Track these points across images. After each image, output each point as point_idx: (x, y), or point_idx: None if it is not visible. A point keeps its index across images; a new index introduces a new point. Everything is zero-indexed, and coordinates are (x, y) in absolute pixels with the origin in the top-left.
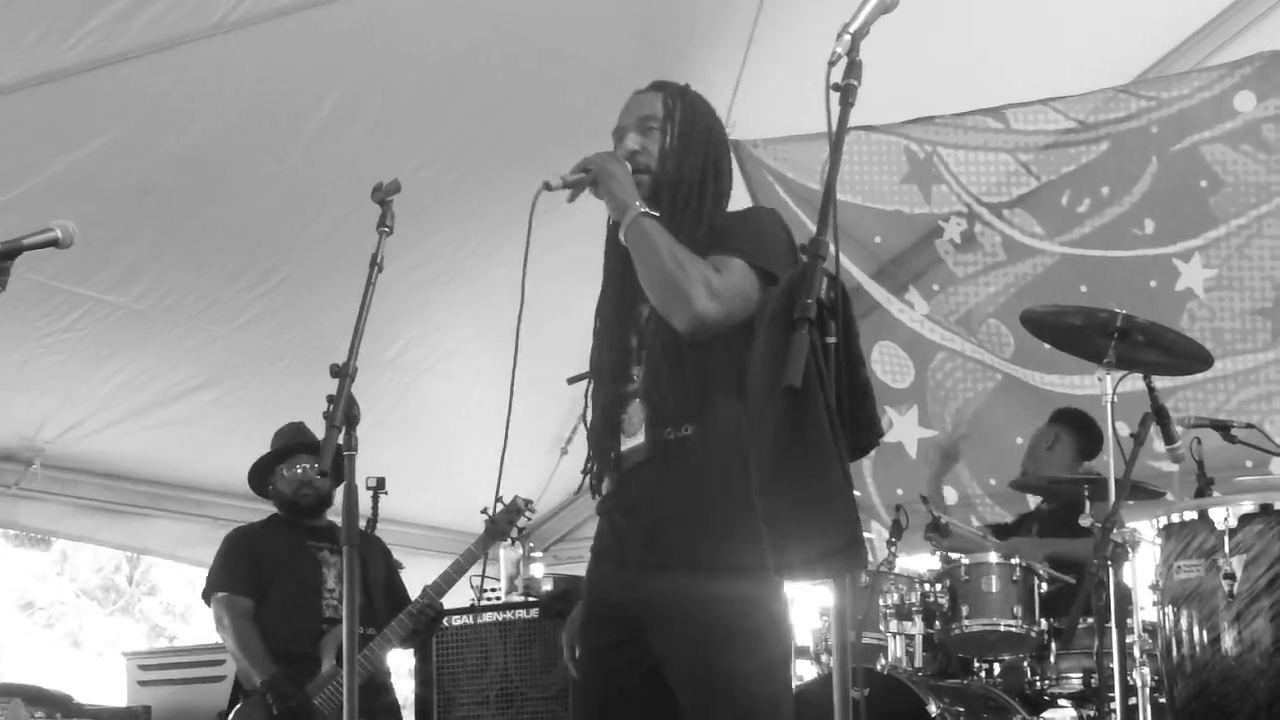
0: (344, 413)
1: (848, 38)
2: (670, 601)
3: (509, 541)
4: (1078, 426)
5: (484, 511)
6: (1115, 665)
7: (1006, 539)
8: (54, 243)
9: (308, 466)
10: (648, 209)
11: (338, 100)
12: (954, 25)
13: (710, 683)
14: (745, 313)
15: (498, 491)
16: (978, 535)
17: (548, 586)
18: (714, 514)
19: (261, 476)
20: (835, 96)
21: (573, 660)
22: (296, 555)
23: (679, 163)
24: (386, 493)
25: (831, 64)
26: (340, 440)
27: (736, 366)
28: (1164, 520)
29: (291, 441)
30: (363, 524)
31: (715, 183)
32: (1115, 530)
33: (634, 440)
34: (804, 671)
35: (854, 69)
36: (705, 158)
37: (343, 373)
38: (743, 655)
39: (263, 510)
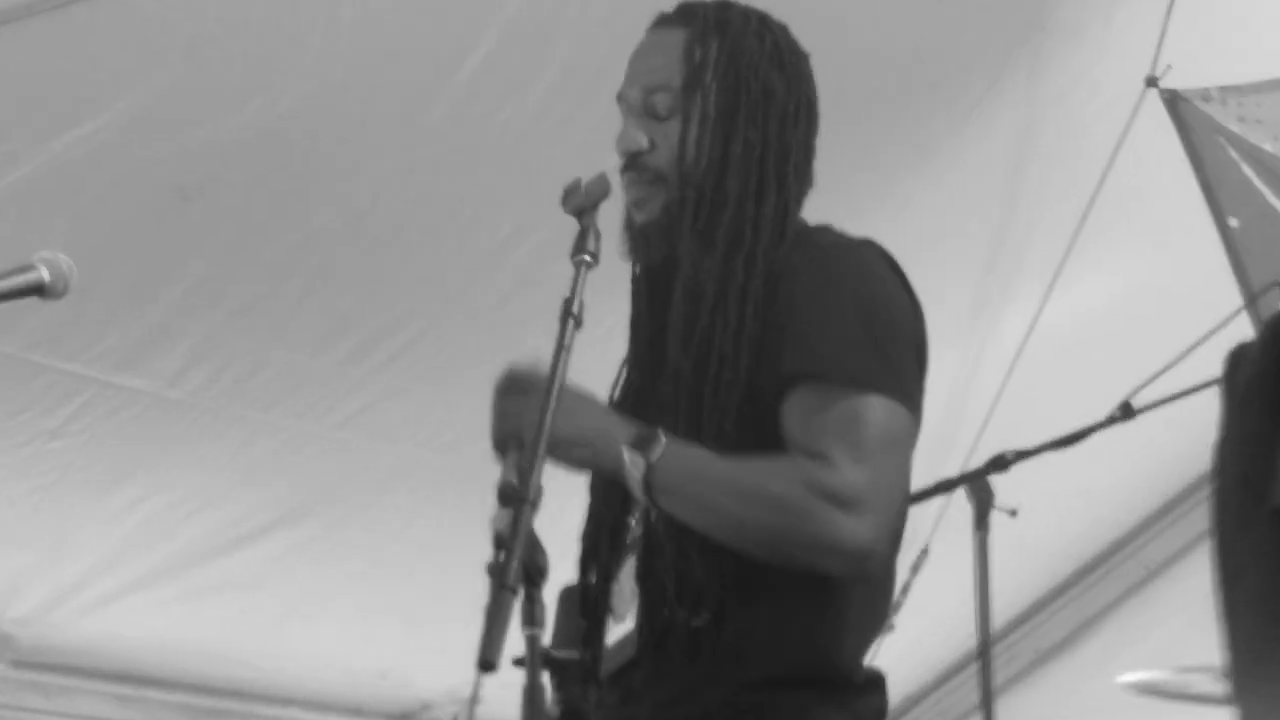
0: (522, 564)
1: None
2: None
3: None
4: None
5: None
6: None
7: None
8: (37, 289)
9: None
10: (648, 445)
11: (495, 48)
12: None
13: None
14: (904, 489)
15: None
16: None
17: None
18: None
19: None
20: None
21: None
22: None
23: (716, 165)
24: None
25: None
26: (520, 607)
27: None
28: None
29: None
30: None
31: (779, 192)
32: None
33: (621, 626)
34: None
35: None
36: (761, 149)
37: (519, 497)
38: None
39: None
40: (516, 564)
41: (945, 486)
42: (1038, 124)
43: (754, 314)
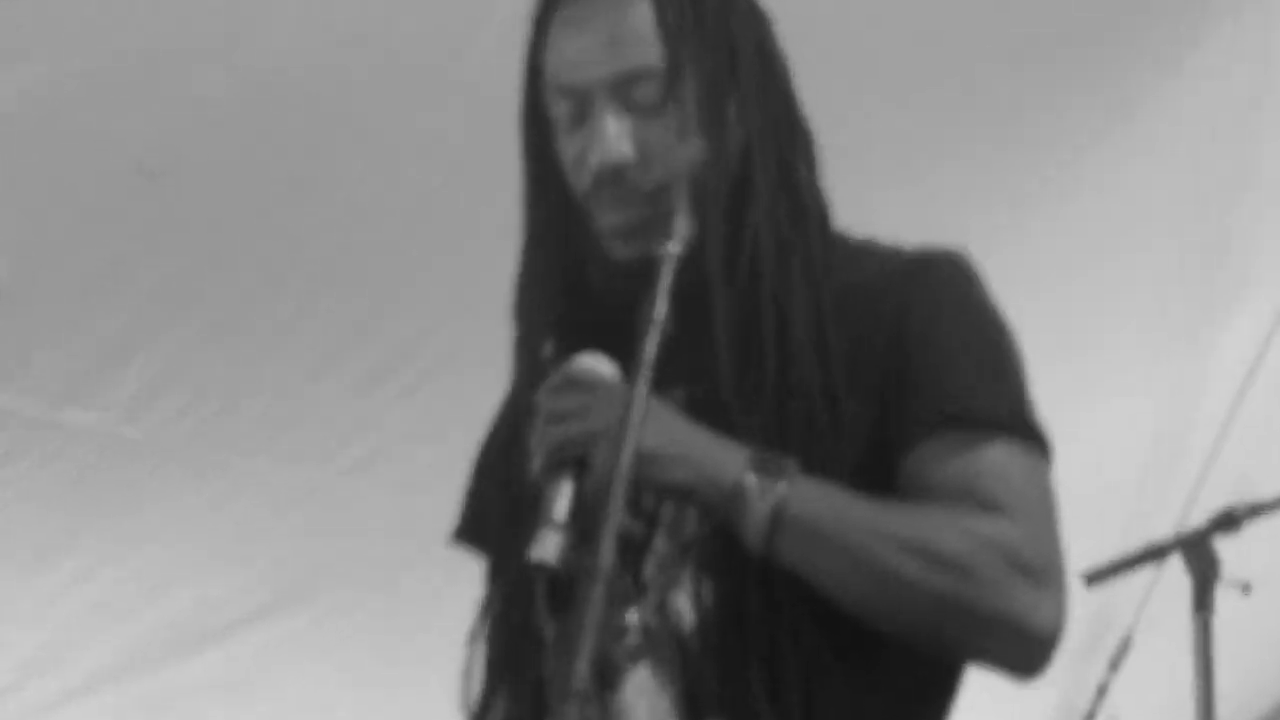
0: (593, 660)
1: None
2: None
3: None
4: None
5: None
6: None
7: None
8: None
9: None
10: (776, 470)
11: None
12: None
13: None
14: None
15: None
16: None
17: None
18: None
19: None
20: None
21: None
22: None
23: (729, 157)
24: None
25: None
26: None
27: None
28: None
29: None
30: None
31: (810, 174)
32: None
33: None
34: None
35: None
36: (775, 125)
37: (590, 571)
38: None
39: None
40: (585, 662)
41: (1154, 554)
42: (1273, 71)
43: (836, 337)
